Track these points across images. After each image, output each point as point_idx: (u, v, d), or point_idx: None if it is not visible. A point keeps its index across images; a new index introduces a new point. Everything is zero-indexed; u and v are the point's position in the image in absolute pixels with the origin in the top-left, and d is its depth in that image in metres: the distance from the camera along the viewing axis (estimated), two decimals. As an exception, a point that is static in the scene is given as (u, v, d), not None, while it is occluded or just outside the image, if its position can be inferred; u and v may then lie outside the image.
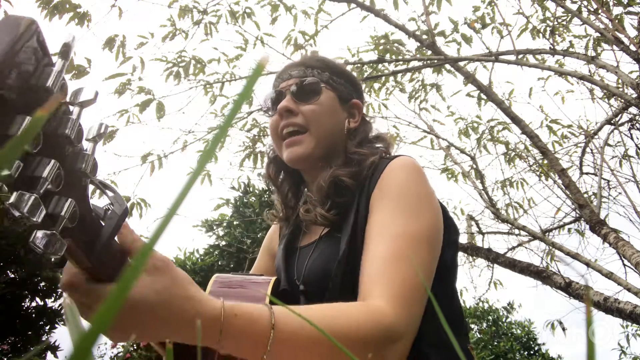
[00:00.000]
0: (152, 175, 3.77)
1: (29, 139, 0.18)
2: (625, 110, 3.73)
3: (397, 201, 0.90)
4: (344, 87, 1.12)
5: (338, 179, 1.00)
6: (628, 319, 2.78)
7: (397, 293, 0.78)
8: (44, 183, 0.41)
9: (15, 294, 5.95)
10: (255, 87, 3.50)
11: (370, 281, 0.81)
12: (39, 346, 5.69)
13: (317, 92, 1.07)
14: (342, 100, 1.11)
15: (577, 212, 3.70)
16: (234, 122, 3.69)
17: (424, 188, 0.94)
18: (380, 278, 0.80)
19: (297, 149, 1.03)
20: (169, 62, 3.81)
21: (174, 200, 0.16)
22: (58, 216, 0.45)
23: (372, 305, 0.77)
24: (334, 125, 1.07)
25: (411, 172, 0.95)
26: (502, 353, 13.10)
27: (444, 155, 4.77)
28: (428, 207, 0.92)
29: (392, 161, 0.98)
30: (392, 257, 0.82)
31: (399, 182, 0.93)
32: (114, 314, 0.15)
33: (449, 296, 0.98)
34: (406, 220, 0.87)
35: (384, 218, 0.89)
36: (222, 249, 8.80)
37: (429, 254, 0.87)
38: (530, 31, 3.81)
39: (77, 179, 0.48)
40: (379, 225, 0.88)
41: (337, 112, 1.09)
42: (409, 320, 0.78)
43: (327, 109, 1.06)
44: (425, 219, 0.89)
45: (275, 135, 1.08)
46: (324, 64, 1.12)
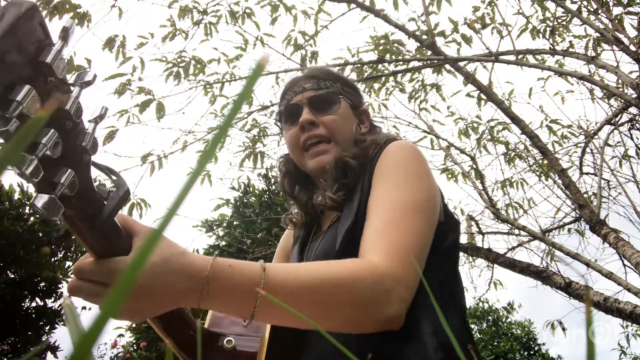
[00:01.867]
0: (152, 175, 3.77)
1: (29, 139, 0.18)
2: (625, 110, 3.73)
3: (391, 174, 0.95)
4: (354, 96, 1.19)
5: (342, 161, 1.05)
6: (628, 319, 2.78)
7: (391, 251, 0.81)
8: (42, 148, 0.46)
9: (15, 294, 5.94)
10: (255, 87, 3.50)
11: (367, 244, 0.85)
12: (38, 346, 5.69)
13: (336, 102, 1.13)
14: (353, 108, 1.17)
15: (577, 212, 3.70)
16: (234, 122, 3.69)
17: (418, 164, 0.97)
18: (376, 239, 0.84)
19: (324, 158, 1.08)
20: (169, 62, 3.81)
21: (173, 201, 0.16)
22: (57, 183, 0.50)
23: (365, 259, 0.81)
24: (350, 131, 1.13)
25: (407, 151, 0.99)
26: (502, 353, 13.10)
27: (444, 156, 4.78)
28: (422, 180, 0.95)
29: (392, 142, 1.03)
30: (387, 223, 0.85)
31: (395, 158, 0.98)
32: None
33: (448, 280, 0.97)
34: (401, 190, 0.91)
35: (381, 191, 0.93)
36: (222, 249, 8.80)
37: (423, 222, 0.89)
38: (530, 31, 3.81)
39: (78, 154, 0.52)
40: (376, 199, 0.92)
41: (352, 120, 1.15)
42: (402, 274, 0.80)
43: (345, 118, 1.13)
44: (419, 190, 0.92)
45: (296, 147, 1.12)
46: (334, 75, 1.18)
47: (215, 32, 3.93)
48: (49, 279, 6.14)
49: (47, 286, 6.28)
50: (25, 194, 6.14)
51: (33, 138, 0.45)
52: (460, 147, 4.65)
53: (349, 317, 0.77)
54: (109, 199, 0.61)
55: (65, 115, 0.48)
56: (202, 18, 3.88)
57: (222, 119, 0.40)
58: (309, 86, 1.14)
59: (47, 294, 6.31)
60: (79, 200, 0.55)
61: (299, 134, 1.10)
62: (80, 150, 0.52)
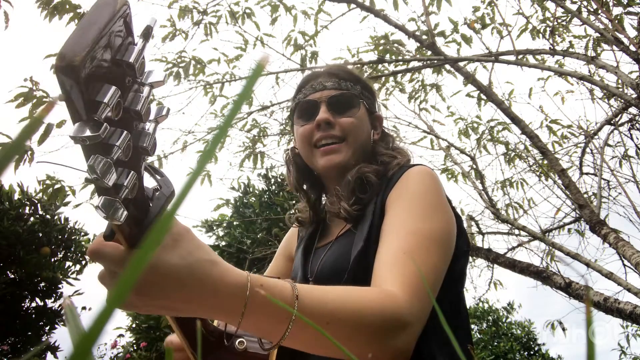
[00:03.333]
0: (152, 175, 3.76)
1: (28, 138, 0.18)
2: (625, 110, 3.73)
3: (412, 202, 0.93)
4: (370, 101, 1.18)
5: (364, 175, 1.04)
6: (628, 319, 2.78)
7: (409, 282, 0.79)
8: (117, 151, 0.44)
9: (15, 295, 5.94)
10: (255, 87, 3.50)
11: (383, 270, 0.83)
12: (38, 346, 5.68)
13: (356, 106, 1.11)
14: (369, 113, 1.17)
15: (577, 213, 3.70)
16: (234, 122, 3.69)
17: (438, 195, 0.96)
18: (393, 267, 0.82)
19: (334, 157, 1.07)
20: (169, 62, 3.81)
21: (173, 201, 0.16)
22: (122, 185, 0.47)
23: (385, 290, 0.78)
24: (366, 137, 1.12)
25: (427, 179, 0.98)
26: (502, 353, 13.09)
27: (444, 156, 4.77)
28: (442, 212, 0.94)
29: (410, 168, 1.01)
30: (406, 250, 0.84)
31: (415, 186, 0.96)
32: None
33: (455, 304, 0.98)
34: (420, 220, 0.89)
35: (399, 217, 0.91)
36: (222, 249, 8.80)
37: (440, 255, 0.88)
38: (530, 31, 3.81)
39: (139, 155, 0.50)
40: (394, 223, 0.90)
41: (367, 125, 1.14)
42: (419, 309, 0.78)
43: (362, 122, 1.12)
44: (438, 223, 0.91)
45: (307, 144, 1.11)
46: (355, 77, 1.17)
47: (215, 32, 3.93)
48: (49, 279, 6.15)
49: (47, 286, 6.29)
50: (25, 194, 6.14)
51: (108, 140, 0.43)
52: (460, 147, 4.65)
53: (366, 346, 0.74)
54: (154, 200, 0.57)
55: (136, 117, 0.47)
56: (202, 18, 3.88)
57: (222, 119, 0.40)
58: (329, 85, 1.12)
59: (47, 294, 6.31)
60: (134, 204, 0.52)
61: (313, 131, 1.09)
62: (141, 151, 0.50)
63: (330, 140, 1.08)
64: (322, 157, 1.08)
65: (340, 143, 1.08)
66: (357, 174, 1.04)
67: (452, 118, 4.62)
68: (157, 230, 0.16)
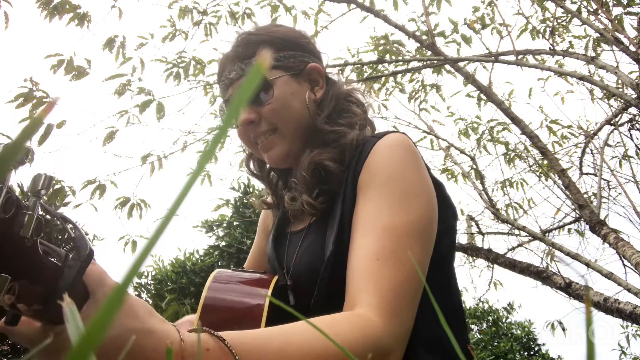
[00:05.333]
0: (152, 175, 3.77)
1: (28, 139, 0.18)
2: (625, 110, 3.73)
3: (384, 189, 0.81)
4: (293, 58, 0.98)
5: (320, 165, 0.91)
6: (628, 319, 2.78)
7: (386, 301, 0.72)
8: None
9: (15, 295, 5.95)
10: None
11: (357, 284, 0.75)
12: (39, 347, 5.68)
13: (268, 88, 0.94)
14: (296, 74, 0.98)
15: (577, 213, 3.70)
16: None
17: (414, 172, 0.84)
18: (367, 282, 0.74)
19: (273, 153, 0.96)
20: (168, 62, 3.81)
21: (173, 201, 0.16)
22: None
23: (360, 317, 0.70)
24: (300, 109, 0.96)
25: (401, 154, 0.85)
26: (502, 353, 13.09)
27: (444, 156, 4.78)
28: (419, 195, 0.82)
29: (380, 140, 0.88)
30: (380, 256, 0.75)
31: (387, 166, 0.84)
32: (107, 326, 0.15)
33: (445, 286, 0.90)
34: (394, 211, 0.79)
35: (371, 209, 0.81)
36: (222, 249, 8.80)
37: (420, 248, 0.79)
38: (530, 32, 3.81)
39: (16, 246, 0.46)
40: (366, 217, 0.80)
41: (297, 92, 0.97)
42: (400, 331, 0.73)
43: (286, 98, 0.95)
44: (415, 210, 0.80)
45: (248, 144, 1.01)
46: (260, 44, 0.97)
47: (215, 32, 3.93)
48: (49, 280, 6.15)
49: (47, 287, 6.29)
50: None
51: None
52: (460, 147, 4.65)
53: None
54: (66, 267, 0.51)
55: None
56: (202, 18, 3.89)
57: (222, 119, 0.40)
58: (234, 75, 0.97)
59: (47, 294, 6.31)
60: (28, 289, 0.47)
61: (246, 133, 0.98)
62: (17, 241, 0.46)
63: (263, 136, 0.96)
64: (264, 155, 0.97)
65: (274, 134, 0.95)
66: (312, 165, 0.91)
67: (452, 118, 4.62)
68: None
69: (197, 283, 8.48)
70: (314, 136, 0.96)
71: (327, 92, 1.00)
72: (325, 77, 1.02)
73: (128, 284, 0.15)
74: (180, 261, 9.30)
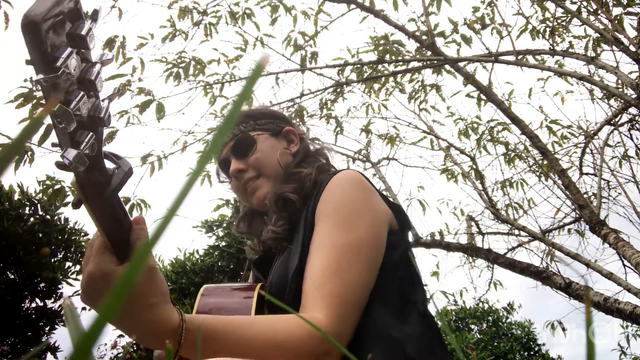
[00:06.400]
0: (152, 176, 3.76)
1: (28, 139, 0.18)
2: (625, 110, 3.73)
3: (333, 214, 0.98)
4: (271, 124, 1.25)
5: (281, 195, 1.11)
6: (628, 319, 2.78)
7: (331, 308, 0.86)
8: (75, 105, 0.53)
9: (15, 295, 5.94)
10: (255, 87, 3.50)
11: (308, 296, 0.89)
12: (38, 347, 5.68)
13: (252, 143, 1.20)
14: (275, 135, 1.24)
15: (577, 213, 3.70)
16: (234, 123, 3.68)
17: (361, 199, 1.01)
18: (316, 293, 0.88)
19: (258, 194, 1.17)
20: (168, 63, 3.81)
21: (173, 201, 0.16)
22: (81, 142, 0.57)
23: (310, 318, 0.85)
24: (279, 160, 1.19)
25: (350, 185, 1.03)
26: (502, 354, 13.09)
27: (444, 156, 4.77)
28: (362, 218, 0.98)
29: (335, 175, 1.06)
30: (328, 270, 0.90)
31: (337, 195, 1.01)
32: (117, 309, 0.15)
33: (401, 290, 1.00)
34: (341, 231, 0.95)
35: (322, 232, 0.97)
36: (222, 249, 8.80)
37: (365, 262, 0.93)
38: (530, 32, 3.81)
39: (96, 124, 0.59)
40: (317, 239, 0.96)
41: (276, 146, 1.22)
42: (342, 332, 0.86)
43: (267, 150, 1.19)
44: (361, 229, 0.96)
45: (240, 194, 1.22)
46: (245, 116, 1.25)
47: (215, 32, 3.93)
48: (49, 280, 6.14)
49: (47, 287, 6.28)
50: (25, 194, 6.14)
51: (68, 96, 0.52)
52: (460, 147, 4.65)
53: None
54: (114, 176, 0.66)
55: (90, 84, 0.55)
56: (202, 19, 3.89)
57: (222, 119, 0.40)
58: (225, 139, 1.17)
59: (47, 294, 6.31)
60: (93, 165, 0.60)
61: (237, 183, 1.20)
62: (97, 121, 0.58)
63: (250, 181, 1.18)
64: (252, 198, 1.18)
65: (258, 179, 1.17)
66: (274, 197, 1.12)
67: (452, 118, 4.62)
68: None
69: (197, 283, 8.47)
70: (284, 179, 1.18)
71: (300, 148, 1.25)
72: (299, 137, 1.27)
73: (128, 284, 0.15)
74: (180, 261, 9.29)
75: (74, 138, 0.56)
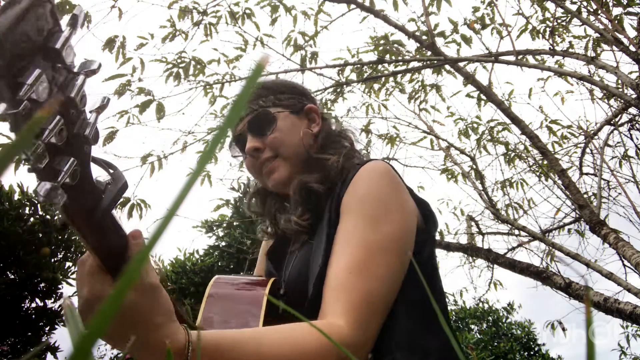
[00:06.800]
0: (152, 176, 3.76)
1: (30, 138, 0.18)
2: (625, 110, 3.73)
3: (361, 209, 0.92)
4: (292, 99, 1.16)
5: (306, 186, 1.04)
6: (628, 319, 2.78)
7: (355, 312, 0.80)
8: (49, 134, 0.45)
9: (15, 295, 5.94)
10: (255, 87, 3.48)
11: (330, 296, 0.84)
12: (38, 347, 5.68)
13: (272, 120, 1.11)
14: (296, 112, 1.15)
15: (577, 213, 3.70)
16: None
17: (390, 193, 0.95)
18: (339, 293, 0.83)
19: (275, 176, 1.09)
20: (168, 63, 3.81)
21: (173, 201, 0.16)
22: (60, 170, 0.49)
23: (330, 326, 0.79)
24: (299, 139, 1.11)
25: (379, 178, 0.96)
26: (502, 354, 13.09)
27: (444, 156, 4.77)
28: (393, 213, 0.92)
29: (363, 166, 0.99)
30: (353, 269, 0.84)
31: (365, 188, 0.95)
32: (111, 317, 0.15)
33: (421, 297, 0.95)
34: (368, 228, 0.89)
35: (349, 227, 0.91)
36: (222, 249, 8.80)
37: (393, 262, 0.88)
38: (530, 32, 3.81)
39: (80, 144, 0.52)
40: (343, 234, 0.90)
41: (297, 125, 1.13)
42: (365, 339, 0.81)
43: (287, 129, 1.11)
44: (390, 226, 0.90)
45: (254, 173, 1.15)
46: (265, 89, 1.15)
47: (215, 32, 3.93)
48: (49, 280, 6.14)
49: (47, 287, 6.28)
50: (25, 194, 6.14)
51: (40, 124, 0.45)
52: (460, 147, 4.65)
53: None
54: (106, 192, 0.60)
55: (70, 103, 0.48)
56: (202, 19, 3.88)
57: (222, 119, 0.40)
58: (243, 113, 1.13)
59: (47, 294, 6.31)
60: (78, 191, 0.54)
61: (253, 161, 1.12)
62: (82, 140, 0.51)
63: (267, 162, 1.10)
64: (268, 179, 1.11)
65: (275, 159, 1.10)
66: (298, 187, 1.05)
67: (452, 118, 4.62)
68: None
69: (197, 283, 8.47)
70: (307, 164, 1.11)
71: (322, 128, 1.16)
72: (321, 116, 1.18)
73: (128, 284, 0.15)
74: (180, 261, 9.29)
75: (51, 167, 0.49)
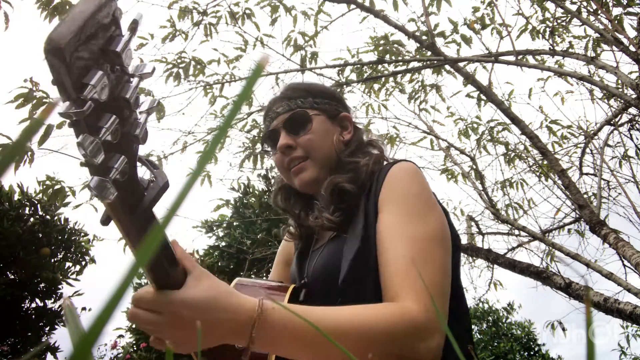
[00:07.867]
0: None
1: (28, 140, 0.18)
2: (624, 110, 3.73)
3: (404, 204, 0.96)
4: (329, 105, 1.19)
5: (338, 186, 1.07)
6: (628, 319, 2.78)
7: (424, 293, 0.83)
8: (105, 132, 0.47)
9: (15, 295, 5.94)
10: (255, 88, 3.48)
11: (396, 283, 0.86)
12: (38, 347, 5.68)
13: (308, 121, 1.14)
14: (331, 118, 1.18)
15: (577, 213, 3.70)
16: (234, 123, 3.69)
17: (427, 192, 1.00)
18: (405, 280, 0.85)
19: (303, 176, 1.12)
20: (168, 63, 3.81)
21: (173, 201, 0.16)
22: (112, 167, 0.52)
23: (401, 306, 0.82)
24: (330, 144, 1.15)
25: (415, 176, 1.01)
26: (502, 354, 13.09)
27: (444, 156, 4.77)
28: (434, 209, 0.98)
29: (395, 164, 1.04)
30: (413, 258, 0.87)
31: (404, 186, 0.99)
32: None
33: (459, 295, 1.01)
34: (418, 223, 0.93)
35: (395, 222, 0.94)
36: (222, 249, 8.80)
37: (444, 254, 0.92)
38: (530, 32, 3.81)
39: (130, 143, 0.54)
40: (391, 229, 0.93)
41: (330, 131, 1.16)
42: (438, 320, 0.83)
43: (321, 133, 1.14)
44: (434, 221, 0.95)
45: (282, 169, 1.17)
46: (304, 90, 1.19)
47: (215, 32, 3.93)
48: (49, 280, 6.14)
49: (47, 287, 6.28)
50: (25, 194, 6.14)
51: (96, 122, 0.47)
52: (460, 147, 4.65)
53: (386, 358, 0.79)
54: (148, 190, 0.62)
55: (125, 104, 0.50)
56: (202, 19, 3.88)
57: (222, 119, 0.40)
58: (281, 110, 1.16)
59: (47, 294, 6.31)
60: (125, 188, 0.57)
61: (282, 157, 1.14)
62: (132, 139, 0.54)
63: (297, 161, 1.13)
64: (295, 178, 1.13)
65: (305, 161, 1.12)
66: (330, 186, 1.08)
67: (452, 118, 4.61)
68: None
69: (197, 283, 8.45)
70: (337, 167, 1.14)
71: (353, 136, 1.20)
72: (354, 125, 1.22)
73: (127, 285, 0.15)
74: (180, 261, 9.29)
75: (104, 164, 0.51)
